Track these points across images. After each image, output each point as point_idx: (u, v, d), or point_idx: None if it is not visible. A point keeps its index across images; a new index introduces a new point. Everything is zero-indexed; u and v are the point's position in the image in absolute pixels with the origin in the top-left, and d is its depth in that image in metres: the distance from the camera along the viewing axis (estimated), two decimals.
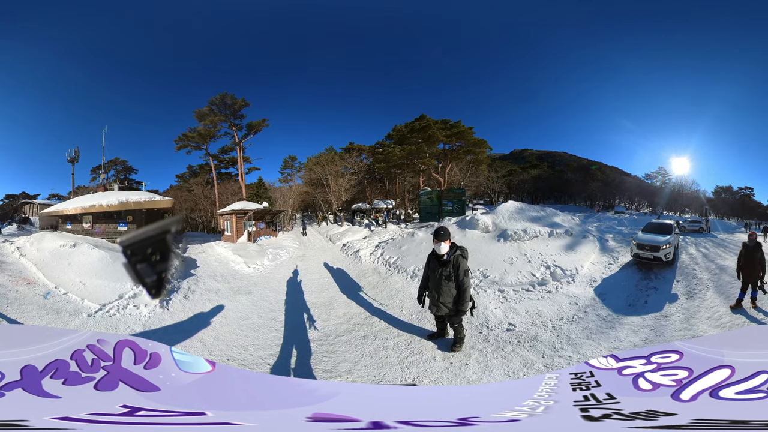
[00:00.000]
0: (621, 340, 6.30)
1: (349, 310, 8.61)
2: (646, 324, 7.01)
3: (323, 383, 3.91)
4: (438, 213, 26.23)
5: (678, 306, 7.89)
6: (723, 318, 7.16)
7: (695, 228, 22.87)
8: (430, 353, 5.86)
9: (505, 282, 9.72)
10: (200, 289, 10.49)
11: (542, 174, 54.55)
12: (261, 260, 14.87)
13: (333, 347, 6.45)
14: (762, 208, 42.54)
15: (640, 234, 12.04)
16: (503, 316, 7.48)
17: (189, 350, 6.35)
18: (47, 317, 7.84)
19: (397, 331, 6.90)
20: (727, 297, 8.09)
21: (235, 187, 34.17)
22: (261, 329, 7.57)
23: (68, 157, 29.24)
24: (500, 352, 5.92)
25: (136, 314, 8.22)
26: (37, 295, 9.03)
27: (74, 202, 20.37)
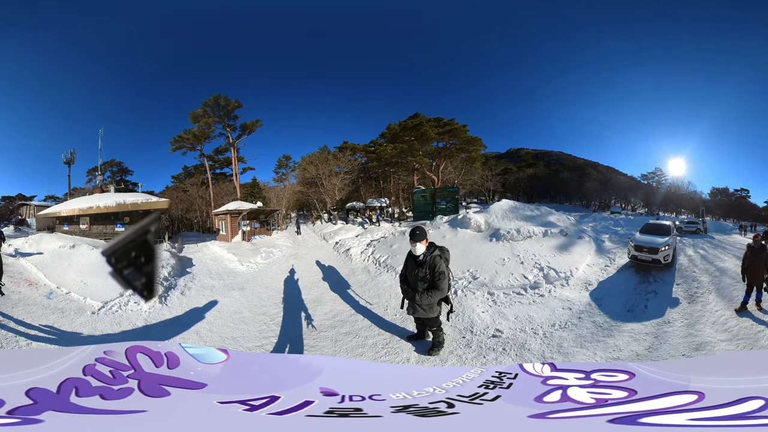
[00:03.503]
0: (621, 350, 5.80)
1: (335, 307, 8.68)
2: (648, 331, 6.52)
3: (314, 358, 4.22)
4: (431, 211, 25.84)
5: (680, 311, 7.43)
6: (729, 322, 6.74)
7: (692, 229, 22.56)
8: (405, 354, 5.77)
9: (495, 284, 9.20)
10: (196, 286, 10.95)
11: (538, 173, 54.26)
12: (254, 258, 15.18)
13: (314, 341, 6.65)
14: (757, 210, 42.46)
15: (638, 235, 11.58)
16: (490, 321, 6.99)
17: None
18: (53, 316, 8.00)
19: (379, 330, 6.87)
20: (731, 300, 7.70)
21: (230, 187, 34.08)
22: (251, 323, 7.93)
23: (64, 159, 29.75)
24: (481, 359, 5.49)
25: (137, 310, 8.57)
26: (40, 295, 9.29)
27: (71, 204, 20.76)
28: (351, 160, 36.76)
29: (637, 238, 11.19)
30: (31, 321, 7.57)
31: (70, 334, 7.20)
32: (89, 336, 7.17)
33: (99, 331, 7.48)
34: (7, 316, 7.66)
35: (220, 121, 32.58)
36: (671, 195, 47.42)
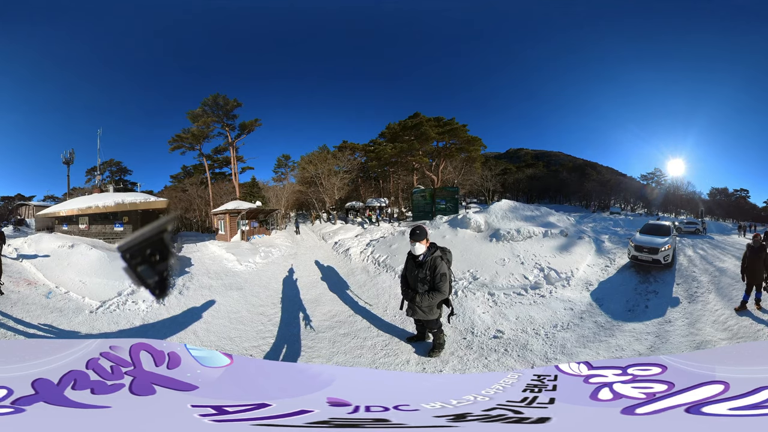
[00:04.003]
0: (623, 349, 5.80)
1: (334, 307, 8.60)
2: (650, 330, 6.53)
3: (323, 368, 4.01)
4: (431, 211, 25.82)
5: (681, 310, 7.45)
6: (729, 321, 6.78)
7: (691, 229, 22.60)
8: (405, 356, 5.64)
9: (495, 285, 9.19)
10: (194, 286, 10.85)
11: (537, 173, 54.28)
12: (253, 258, 15.10)
13: (312, 342, 6.54)
14: (757, 210, 42.51)
15: (638, 235, 11.60)
16: (491, 322, 6.98)
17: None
18: (51, 315, 8.02)
19: (378, 331, 6.77)
20: (730, 299, 7.73)
21: (229, 186, 34.00)
22: (248, 323, 7.86)
23: (63, 159, 29.41)
24: (483, 360, 5.46)
25: (134, 309, 8.57)
26: (39, 295, 9.29)
27: (70, 204, 20.72)
28: (350, 159, 36.70)
29: (637, 238, 11.21)
30: (29, 320, 7.57)
31: (68, 332, 7.22)
32: (87, 335, 7.18)
33: (96, 329, 7.48)
34: (7, 315, 7.67)
35: (219, 120, 32.43)
36: (670, 195, 47.46)
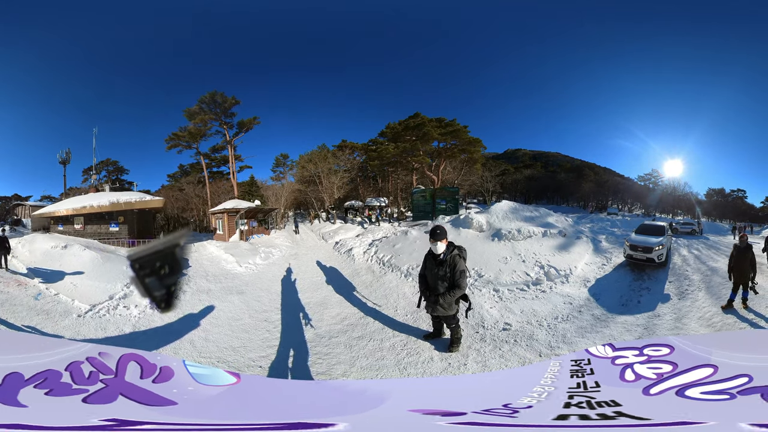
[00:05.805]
0: (615, 338, 6.31)
1: (343, 310, 8.45)
2: (639, 323, 7.07)
3: (367, 383, 3.83)
4: (431, 211, 26.13)
5: (670, 306, 7.93)
6: (714, 318, 7.20)
7: (688, 230, 23.05)
8: (427, 354, 5.74)
9: (499, 281, 9.71)
10: (191, 290, 10.27)
11: (535, 174, 54.74)
12: (253, 259, 14.73)
13: (327, 349, 6.28)
14: (754, 210, 42.94)
15: (633, 235, 12.07)
16: (499, 316, 7.45)
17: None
18: (37, 318, 7.84)
19: (393, 332, 6.75)
20: (719, 298, 8.12)
21: (227, 185, 33.74)
22: (253, 330, 7.38)
23: (59, 159, 29.31)
24: (498, 351, 5.87)
25: (126, 315, 8.10)
26: (27, 296, 8.95)
27: (66, 204, 20.50)
28: (350, 158, 36.66)
29: (633, 238, 11.69)
30: (14, 321, 7.39)
31: (50, 337, 6.95)
32: (70, 340, 7.12)
33: (81, 335, 7.13)
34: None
35: (217, 118, 31.95)
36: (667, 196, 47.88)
